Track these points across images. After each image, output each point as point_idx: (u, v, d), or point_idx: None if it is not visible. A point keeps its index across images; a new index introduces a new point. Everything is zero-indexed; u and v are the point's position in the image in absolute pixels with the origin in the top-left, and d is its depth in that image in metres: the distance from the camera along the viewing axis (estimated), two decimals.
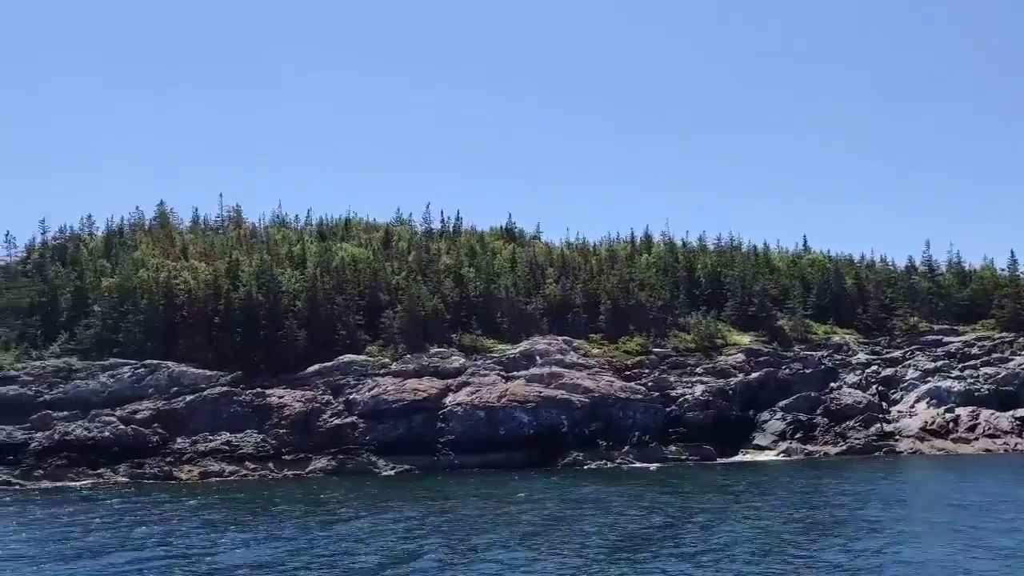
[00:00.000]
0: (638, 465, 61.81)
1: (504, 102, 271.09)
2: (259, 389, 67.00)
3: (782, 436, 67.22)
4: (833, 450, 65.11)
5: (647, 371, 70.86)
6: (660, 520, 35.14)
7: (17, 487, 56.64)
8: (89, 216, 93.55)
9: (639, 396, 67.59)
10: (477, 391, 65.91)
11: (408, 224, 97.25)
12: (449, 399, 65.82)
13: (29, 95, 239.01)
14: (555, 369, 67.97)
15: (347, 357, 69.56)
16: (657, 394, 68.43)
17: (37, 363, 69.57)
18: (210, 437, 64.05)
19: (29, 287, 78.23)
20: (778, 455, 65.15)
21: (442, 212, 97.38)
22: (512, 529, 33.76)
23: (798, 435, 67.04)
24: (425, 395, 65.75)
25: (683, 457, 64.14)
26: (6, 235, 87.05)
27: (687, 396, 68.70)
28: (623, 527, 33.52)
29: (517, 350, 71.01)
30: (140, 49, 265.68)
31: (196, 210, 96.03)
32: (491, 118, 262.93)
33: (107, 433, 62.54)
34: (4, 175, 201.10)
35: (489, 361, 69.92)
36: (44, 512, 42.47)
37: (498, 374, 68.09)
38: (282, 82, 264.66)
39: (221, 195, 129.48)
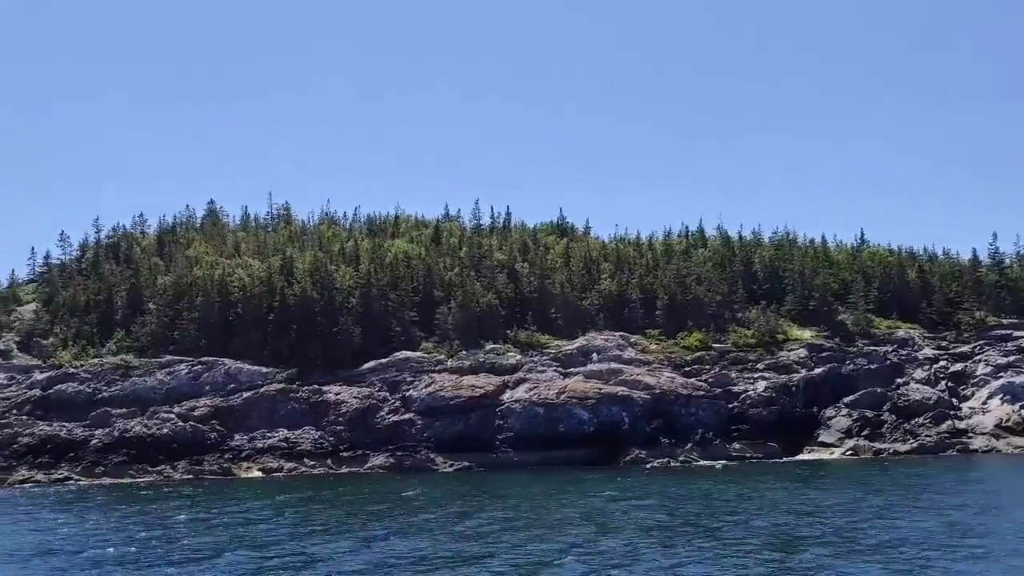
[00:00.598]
0: (703, 463, 60.41)
1: (549, 100, 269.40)
2: (315, 386, 66.64)
3: (848, 433, 65.30)
4: (903, 448, 63.10)
5: (707, 367, 69.32)
6: (793, 519, 33.62)
7: (80, 483, 56.76)
8: (141, 215, 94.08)
9: (701, 392, 66.12)
10: (535, 388, 64.92)
11: (457, 220, 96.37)
12: (507, 396, 64.91)
13: (85, 102, 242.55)
14: (614, 365, 66.76)
15: (402, 354, 68.93)
16: (719, 390, 66.88)
17: (95, 361, 69.82)
18: (268, 434, 63.80)
19: (86, 285, 78.61)
20: (845, 453, 63.32)
21: (492, 208, 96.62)
22: (644, 527, 32.28)
23: (865, 432, 65.09)
24: (482, 392, 64.89)
25: (747, 455, 62.55)
26: (60, 234, 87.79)
27: (749, 392, 67.08)
28: (758, 525, 32.14)
29: (574, 346, 69.87)
30: (188, 55, 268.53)
31: (246, 208, 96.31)
32: (540, 117, 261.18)
33: (166, 430, 62.51)
34: (58, 176, 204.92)
35: (545, 357, 68.89)
36: (132, 509, 41.94)
37: (555, 370, 67.06)
38: (328, 84, 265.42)
39: (270, 193, 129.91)
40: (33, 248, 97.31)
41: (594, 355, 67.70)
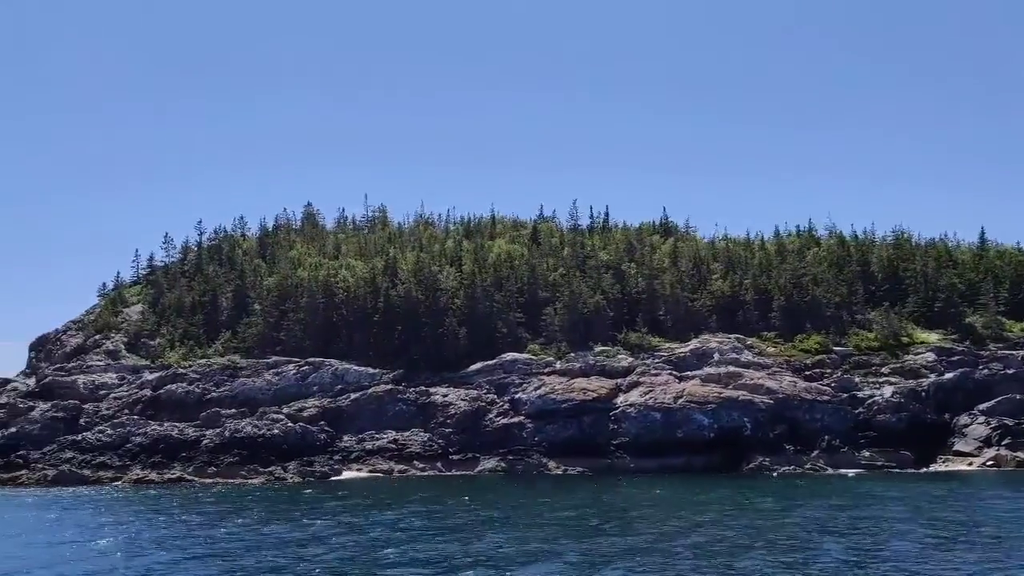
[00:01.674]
0: (831, 471, 57.08)
1: (646, 98, 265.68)
2: (422, 387, 65.50)
3: (987, 442, 61.02)
4: None
5: (829, 371, 65.89)
6: None
7: (194, 483, 56.36)
8: (241, 217, 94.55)
9: (825, 397, 62.73)
10: (650, 391, 62.48)
11: (552, 221, 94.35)
12: (620, 399, 62.65)
13: (181, 102, 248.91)
14: (732, 369, 63.88)
15: (509, 355, 67.29)
16: (844, 395, 63.39)
17: (203, 361, 69.96)
18: (376, 436, 62.82)
19: (191, 286, 79.08)
20: (985, 463, 59.13)
21: (591, 208, 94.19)
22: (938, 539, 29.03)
23: (1006, 441, 60.72)
24: (595, 395, 62.77)
25: (878, 463, 58.99)
26: (164, 236, 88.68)
27: (876, 398, 63.42)
28: None
29: (687, 348, 67.19)
30: (281, 56, 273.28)
31: (342, 210, 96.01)
32: (635, 115, 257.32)
33: (276, 431, 61.96)
34: (159, 179, 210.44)
35: (658, 360, 66.39)
36: (300, 510, 39.58)
37: (670, 373, 64.50)
38: (422, 88, 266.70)
39: (366, 196, 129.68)
40: (137, 250, 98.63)
41: (715, 356, 64.89)
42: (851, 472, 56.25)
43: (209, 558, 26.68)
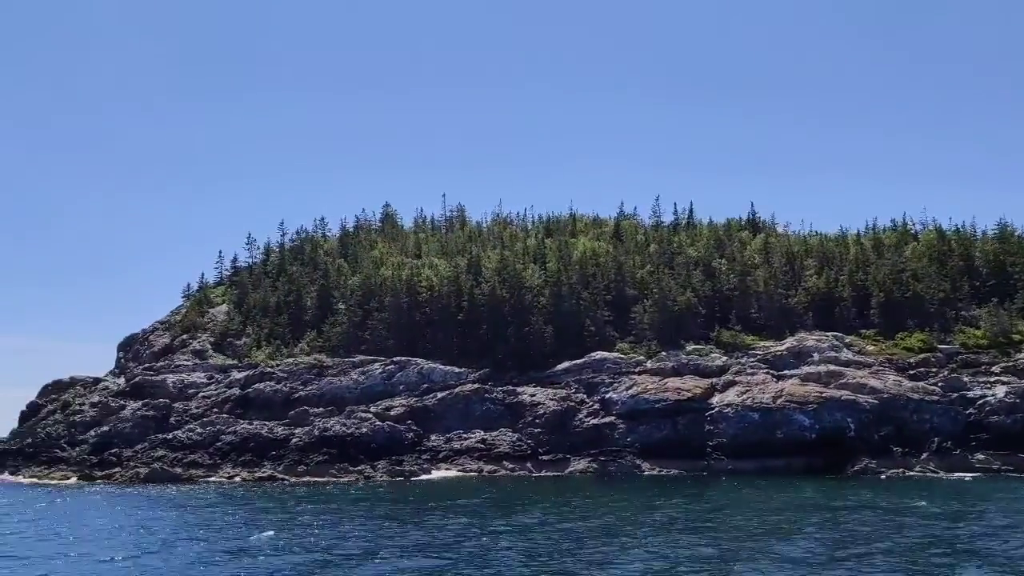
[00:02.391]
0: (943, 475, 54.02)
1: (728, 100, 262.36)
2: (509, 387, 64.35)
3: None
4: None
5: (935, 370, 62.71)
6: None
7: (286, 481, 56.01)
8: (322, 218, 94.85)
9: (934, 397, 59.64)
10: (747, 391, 60.25)
11: (634, 218, 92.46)
12: (716, 399, 60.54)
13: (261, 107, 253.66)
14: (832, 367, 61.23)
15: (598, 354, 65.69)
16: (953, 395, 60.20)
17: (290, 360, 69.93)
18: (464, 435, 61.87)
19: (275, 286, 79.30)
20: None
21: (675, 204, 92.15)
22: None
23: None
24: (689, 395, 60.78)
25: (994, 467, 55.73)
26: (248, 237, 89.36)
27: (988, 398, 60.06)
28: None
29: (783, 347, 64.70)
30: (369, 60, 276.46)
31: (421, 210, 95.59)
32: (719, 117, 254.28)
33: (364, 429, 61.48)
34: (241, 180, 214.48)
35: (753, 359, 64.06)
36: (417, 510, 37.53)
37: (767, 373, 62.14)
38: (504, 87, 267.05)
39: (444, 195, 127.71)
40: (220, 252, 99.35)
41: (814, 354, 62.32)
42: (967, 476, 53.20)
43: (358, 557, 25.18)
